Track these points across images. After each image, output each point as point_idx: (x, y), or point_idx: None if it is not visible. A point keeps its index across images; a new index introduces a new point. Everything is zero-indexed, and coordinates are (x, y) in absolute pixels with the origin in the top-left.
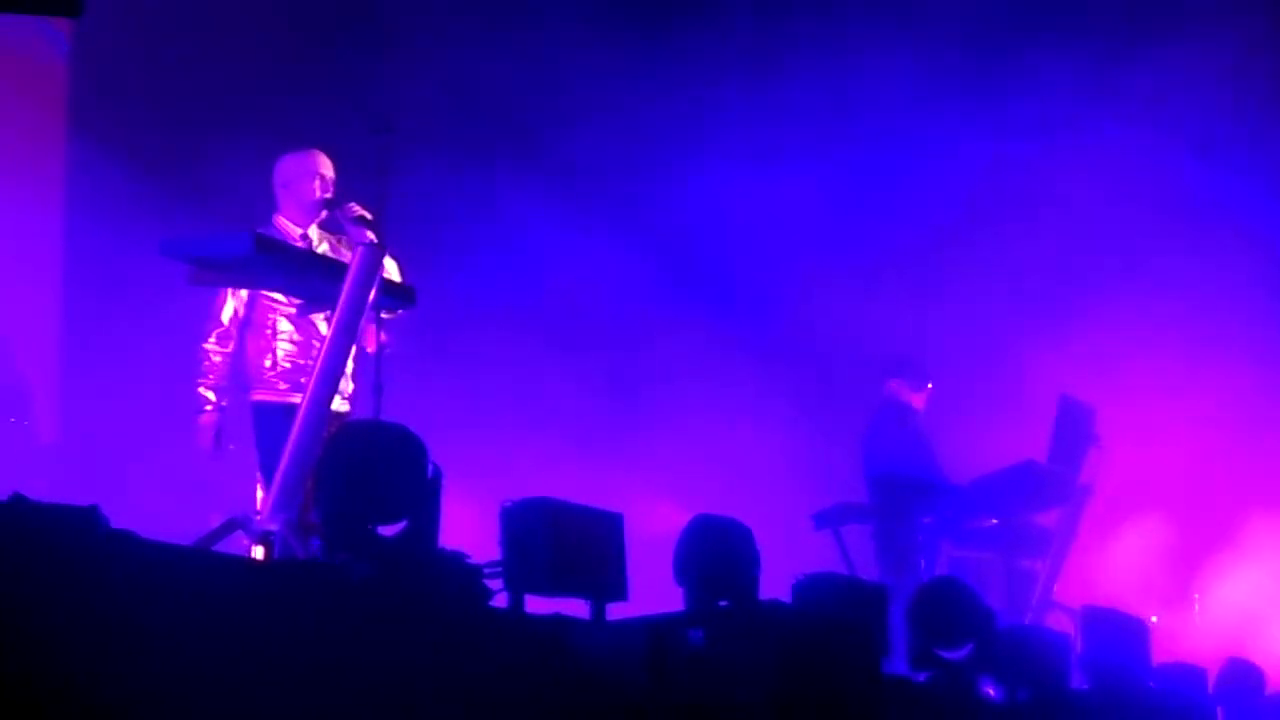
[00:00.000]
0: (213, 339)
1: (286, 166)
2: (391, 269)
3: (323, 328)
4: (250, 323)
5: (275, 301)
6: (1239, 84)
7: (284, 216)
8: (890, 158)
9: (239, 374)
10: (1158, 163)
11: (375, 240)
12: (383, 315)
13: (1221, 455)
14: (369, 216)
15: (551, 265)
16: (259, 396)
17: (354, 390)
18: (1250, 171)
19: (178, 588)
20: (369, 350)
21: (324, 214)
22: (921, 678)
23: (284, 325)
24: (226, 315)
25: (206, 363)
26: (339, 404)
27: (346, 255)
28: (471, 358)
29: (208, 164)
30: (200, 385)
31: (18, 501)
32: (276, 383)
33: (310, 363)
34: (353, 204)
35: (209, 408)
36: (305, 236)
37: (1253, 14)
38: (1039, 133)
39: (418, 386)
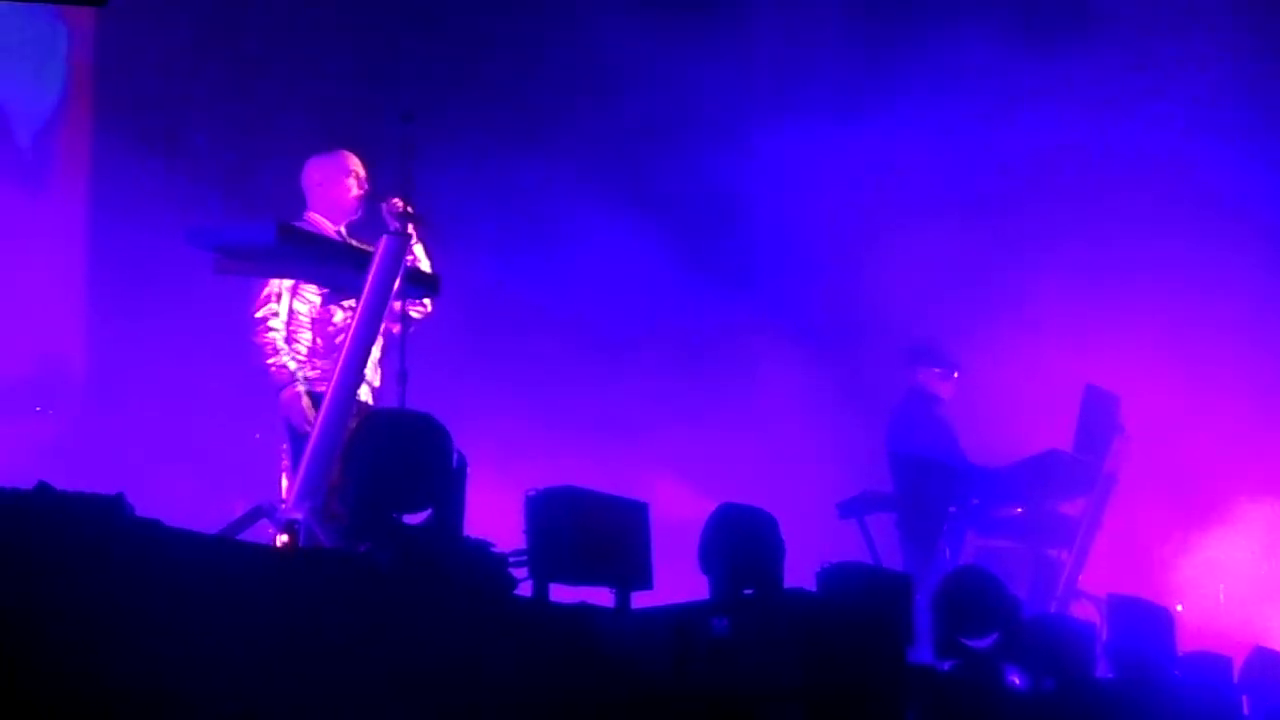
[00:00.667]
0: (265, 323)
1: (319, 167)
2: (421, 256)
3: (348, 316)
4: (289, 310)
5: (309, 289)
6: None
7: (317, 214)
8: (917, 141)
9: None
10: (1188, 151)
11: (414, 235)
12: (409, 305)
13: (1244, 444)
14: (412, 211)
15: (576, 253)
16: (294, 387)
17: (380, 380)
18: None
19: (202, 576)
20: (394, 334)
21: (359, 213)
22: (946, 666)
23: (318, 314)
24: (273, 303)
25: (268, 344)
26: (364, 393)
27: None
28: (497, 346)
29: (233, 152)
30: (272, 363)
31: (43, 490)
32: (310, 370)
33: (336, 352)
34: (396, 199)
35: (287, 379)
36: (339, 234)
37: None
38: (1071, 122)
39: (443, 375)
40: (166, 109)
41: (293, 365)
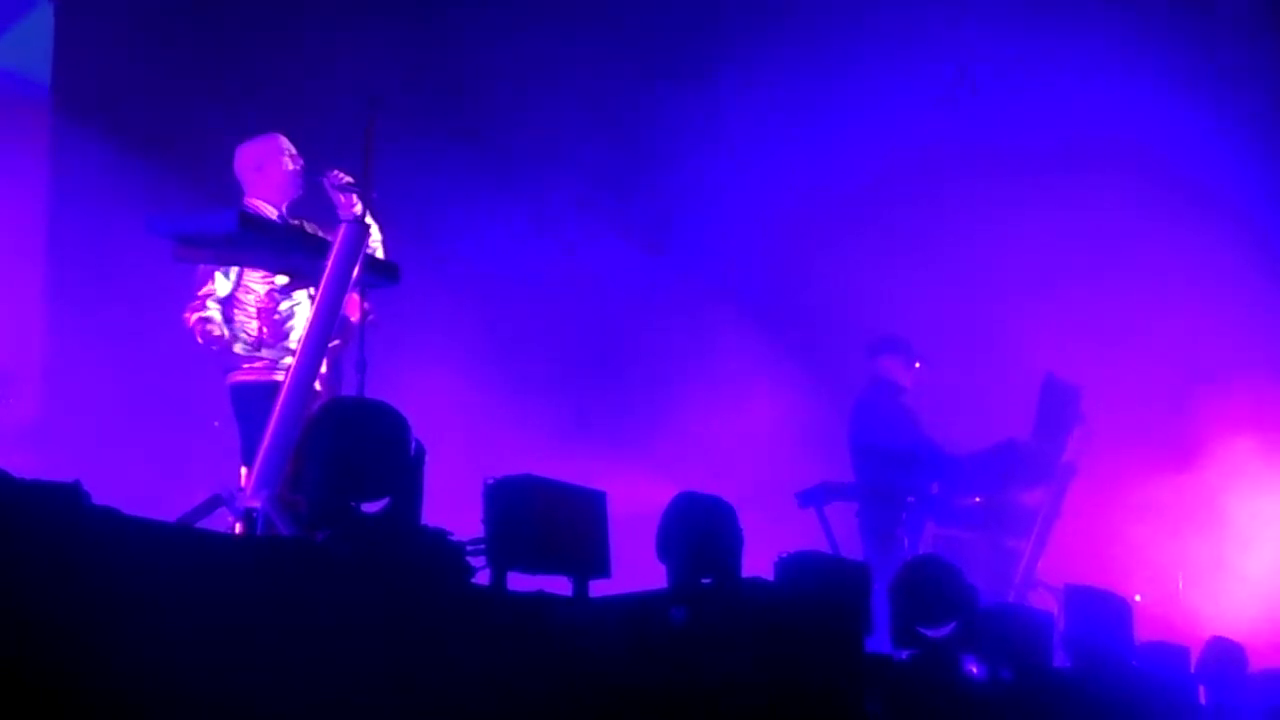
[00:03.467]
0: (196, 314)
1: (253, 150)
2: (376, 238)
3: (305, 305)
4: (232, 300)
5: (257, 279)
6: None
7: (256, 199)
8: (882, 124)
9: (220, 352)
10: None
11: (360, 206)
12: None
13: (1207, 434)
14: (352, 182)
15: (532, 240)
16: (240, 377)
17: (329, 370)
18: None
19: (161, 564)
20: (353, 321)
21: (299, 191)
22: (904, 656)
23: (265, 303)
24: (212, 289)
25: (205, 332)
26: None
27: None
28: (455, 334)
29: (192, 140)
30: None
31: (0, 478)
32: (257, 361)
33: (283, 340)
34: (337, 171)
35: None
36: (282, 216)
37: None
38: (1036, 108)
39: (401, 363)
40: (125, 96)
41: (217, 318)
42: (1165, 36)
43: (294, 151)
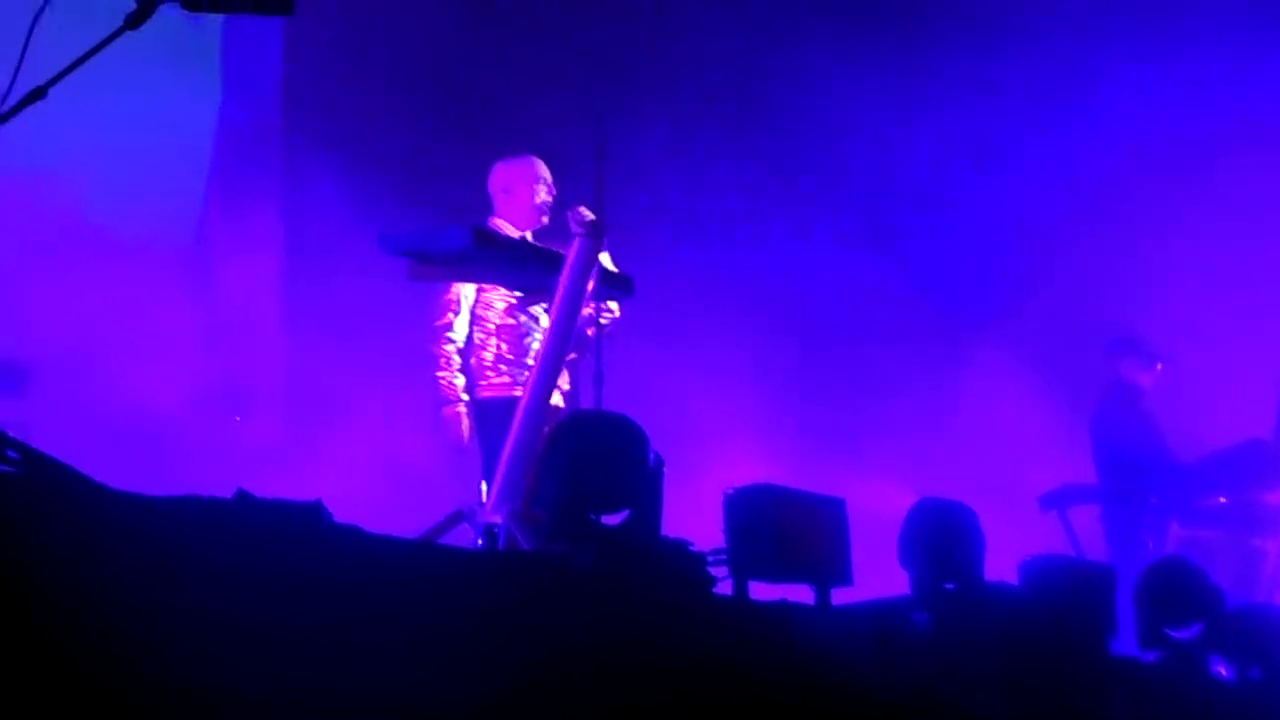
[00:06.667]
0: (445, 333)
1: (507, 172)
2: (606, 261)
3: (542, 320)
4: (472, 317)
5: (494, 295)
6: None
7: (502, 220)
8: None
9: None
10: None
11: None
12: (611, 308)
13: None
14: (597, 220)
15: (767, 243)
16: (481, 393)
17: (571, 385)
18: None
19: (404, 581)
20: (589, 335)
21: (545, 222)
22: (1150, 658)
23: (504, 319)
24: (456, 309)
25: (442, 355)
26: (555, 398)
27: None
28: (690, 344)
29: (423, 158)
30: (442, 377)
31: (243, 498)
32: (497, 377)
33: (523, 356)
34: (582, 208)
35: (454, 397)
36: (522, 238)
37: None
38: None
39: (638, 375)
40: (354, 116)
41: (460, 382)
42: None
43: (549, 180)
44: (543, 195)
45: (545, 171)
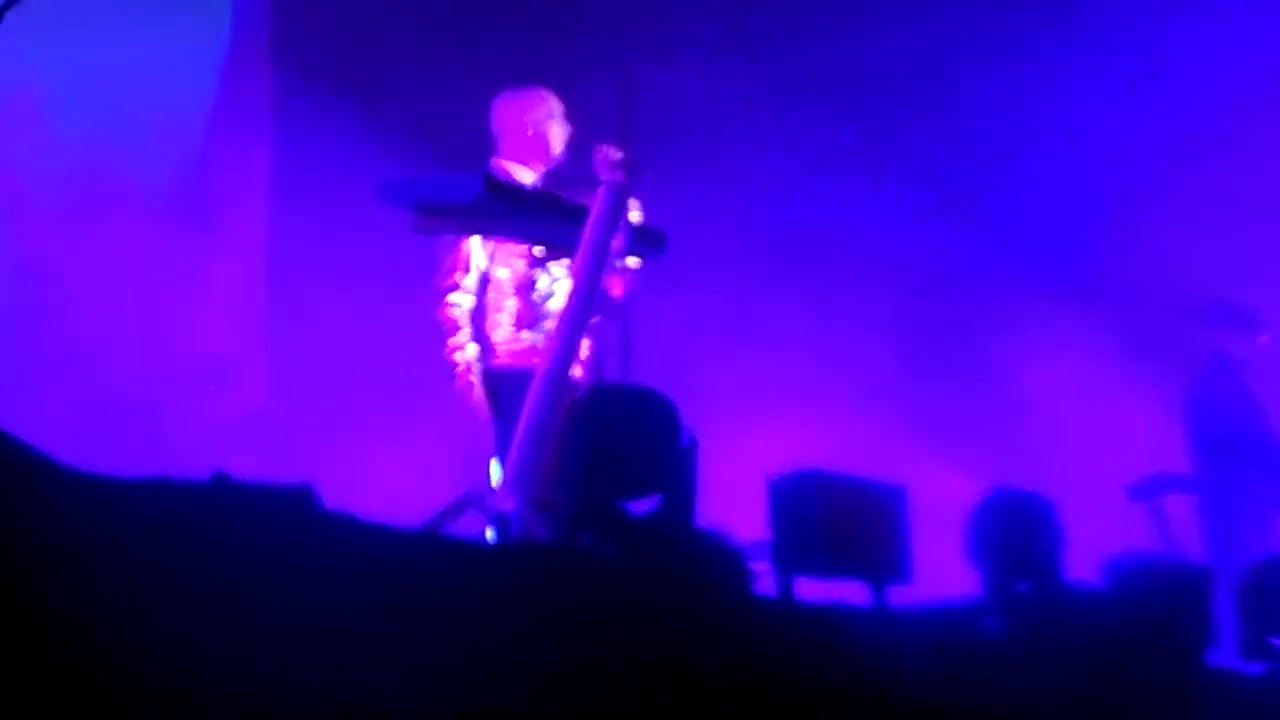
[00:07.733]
0: (451, 294)
1: (513, 105)
2: (635, 215)
3: (563, 280)
4: (483, 277)
5: (509, 251)
6: None
7: (509, 161)
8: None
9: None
10: None
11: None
12: (629, 264)
13: None
14: (624, 159)
15: (826, 205)
16: (495, 361)
17: (592, 354)
18: None
19: (405, 577)
20: (614, 297)
21: (560, 160)
22: (1254, 670)
23: (520, 279)
24: (465, 267)
25: (448, 320)
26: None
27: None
28: (730, 310)
29: (421, 99)
30: (450, 344)
31: (220, 482)
32: (511, 344)
33: (542, 320)
34: (610, 146)
35: (462, 369)
36: (537, 183)
37: None
38: None
39: (669, 344)
40: (351, 51)
41: (470, 351)
42: None
43: (563, 112)
44: (557, 132)
45: (558, 104)
